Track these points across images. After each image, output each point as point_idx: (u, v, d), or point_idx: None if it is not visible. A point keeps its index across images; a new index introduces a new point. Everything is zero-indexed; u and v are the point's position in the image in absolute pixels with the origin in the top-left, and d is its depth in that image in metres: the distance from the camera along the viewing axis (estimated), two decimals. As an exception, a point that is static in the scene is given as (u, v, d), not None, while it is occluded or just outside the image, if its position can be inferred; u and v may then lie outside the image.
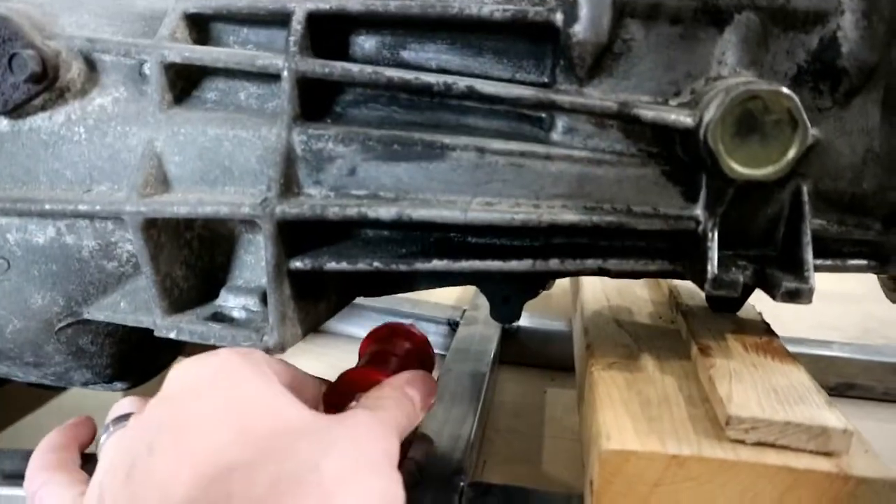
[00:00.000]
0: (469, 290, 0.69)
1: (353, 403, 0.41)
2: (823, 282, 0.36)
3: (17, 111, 0.38)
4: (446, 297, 0.65)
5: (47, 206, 0.38)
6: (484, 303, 0.65)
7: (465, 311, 0.64)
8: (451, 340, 0.59)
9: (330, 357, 0.61)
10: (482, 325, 0.60)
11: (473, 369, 0.51)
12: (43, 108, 0.38)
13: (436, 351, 0.60)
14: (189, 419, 0.28)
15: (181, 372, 0.31)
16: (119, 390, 0.52)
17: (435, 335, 0.63)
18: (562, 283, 0.50)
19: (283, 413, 0.29)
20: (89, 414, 0.41)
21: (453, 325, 0.62)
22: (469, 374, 0.50)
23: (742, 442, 0.30)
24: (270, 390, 0.30)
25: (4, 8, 0.37)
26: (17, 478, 0.38)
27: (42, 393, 0.73)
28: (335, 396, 0.41)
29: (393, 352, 0.46)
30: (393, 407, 0.34)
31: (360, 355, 0.49)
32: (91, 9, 0.40)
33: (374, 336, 0.49)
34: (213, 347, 0.39)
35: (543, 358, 0.62)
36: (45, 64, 0.36)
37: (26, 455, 0.39)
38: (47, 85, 0.37)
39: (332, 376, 0.59)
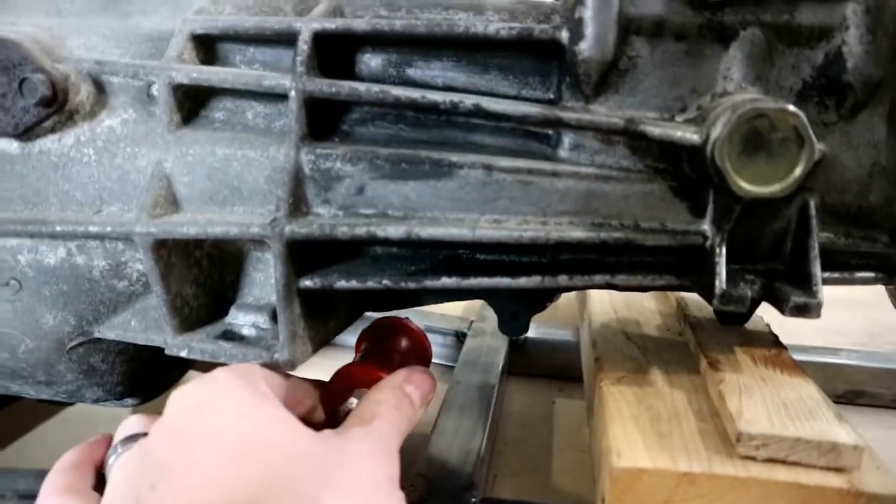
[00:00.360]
0: (476, 302, 0.69)
1: (352, 400, 0.41)
2: (828, 288, 0.36)
3: (27, 134, 0.38)
4: (453, 308, 0.65)
5: (58, 228, 0.38)
6: (491, 314, 0.65)
7: (472, 322, 0.64)
8: (458, 352, 0.59)
9: (335, 367, 0.62)
10: (490, 336, 0.60)
11: (482, 381, 0.51)
12: (52, 130, 0.39)
13: (444, 362, 0.60)
14: (189, 455, 0.28)
15: (180, 399, 0.31)
16: (129, 406, 0.52)
17: (442, 347, 0.63)
18: (568, 293, 0.50)
19: (283, 442, 0.29)
20: (95, 423, 0.41)
21: (461, 337, 0.62)
22: (478, 387, 0.50)
23: (753, 458, 0.31)
24: (268, 416, 0.30)
25: (13, 32, 0.37)
26: (30, 497, 0.38)
27: (51, 407, 0.74)
28: (332, 394, 0.41)
29: (389, 347, 0.46)
30: (392, 413, 0.34)
31: (357, 350, 0.48)
32: (99, 31, 0.41)
33: (370, 331, 0.48)
34: (223, 365, 0.40)
35: (551, 368, 0.62)
36: (54, 87, 0.36)
37: (40, 474, 0.40)
38: (57, 108, 0.37)
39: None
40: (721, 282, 0.34)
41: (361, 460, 0.30)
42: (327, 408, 0.41)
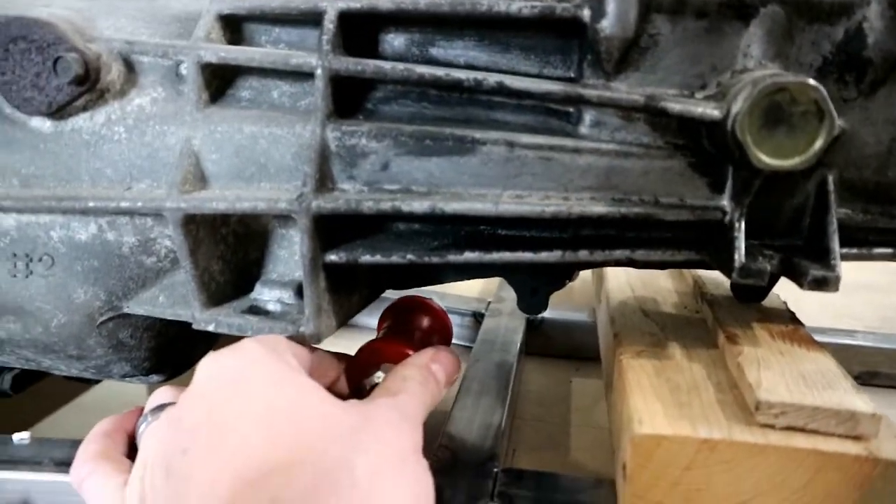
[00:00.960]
0: (492, 283, 0.70)
1: (378, 374, 0.42)
2: (842, 273, 0.37)
3: (59, 112, 0.39)
4: (469, 289, 0.66)
5: (90, 204, 0.39)
6: (507, 295, 0.66)
7: (489, 303, 0.65)
8: (476, 332, 0.60)
9: (353, 345, 0.63)
10: (507, 316, 0.61)
11: (500, 360, 0.52)
12: (84, 108, 0.40)
13: (462, 343, 0.61)
14: (220, 420, 0.29)
15: (209, 367, 0.32)
16: (154, 382, 0.53)
17: (460, 327, 0.64)
18: (583, 275, 0.51)
19: (312, 408, 0.30)
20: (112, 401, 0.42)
21: (478, 317, 0.63)
22: (496, 365, 0.51)
23: (772, 426, 0.31)
24: (297, 385, 0.31)
25: (48, 13, 0.38)
26: (66, 465, 0.39)
27: (75, 388, 0.75)
28: (357, 368, 0.42)
29: (412, 325, 0.47)
30: (417, 389, 0.35)
31: (379, 327, 0.49)
32: (128, 12, 0.41)
33: (393, 309, 0.49)
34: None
35: (568, 348, 0.63)
36: (87, 66, 0.37)
37: (74, 444, 0.41)
38: (89, 86, 0.38)
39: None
40: (740, 256, 0.35)
41: (388, 428, 0.31)
42: (352, 382, 0.42)
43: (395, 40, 0.40)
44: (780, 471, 0.30)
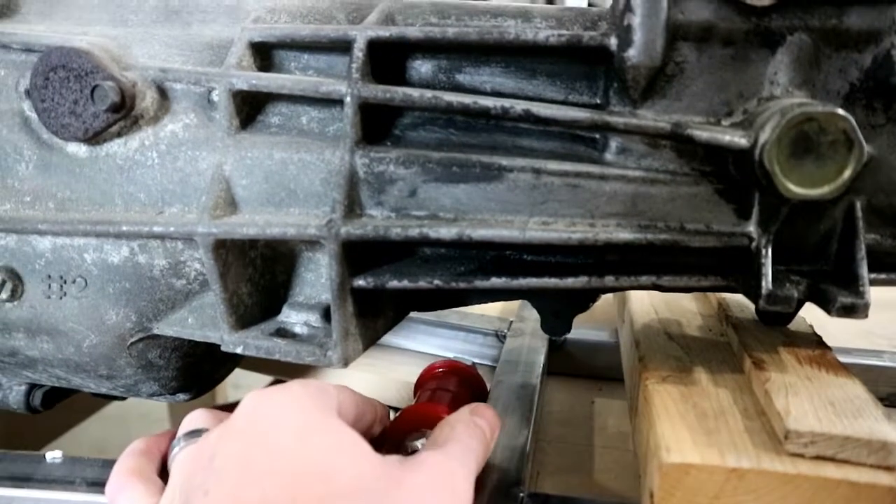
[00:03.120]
0: (514, 303, 0.70)
1: (421, 441, 0.42)
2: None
3: (95, 138, 0.40)
4: (491, 308, 0.66)
5: (124, 228, 0.40)
6: (529, 315, 0.66)
7: (511, 322, 0.65)
8: (498, 352, 0.60)
9: (378, 367, 0.63)
10: (529, 336, 0.61)
11: (524, 381, 0.52)
12: (119, 134, 0.40)
13: (484, 363, 0.61)
14: (248, 468, 0.28)
15: (253, 405, 0.31)
16: (181, 401, 0.54)
17: (482, 346, 0.64)
18: (605, 294, 0.51)
19: (342, 471, 0.29)
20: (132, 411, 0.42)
21: (501, 337, 0.63)
22: (520, 386, 0.51)
23: (801, 455, 0.31)
24: (334, 441, 0.30)
25: (86, 42, 0.39)
26: (98, 485, 0.40)
27: (93, 402, 0.77)
28: (397, 433, 0.43)
29: (448, 388, 0.48)
30: (465, 438, 0.34)
31: (415, 392, 0.51)
32: (162, 39, 0.42)
33: (429, 372, 0.51)
34: (276, 361, 0.41)
35: (590, 368, 0.63)
36: (123, 94, 0.38)
37: (106, 463, 0.42)
38: (125, 113, 0.39)
39: (382, 385, 0.61)
40: (767, 282, 0.35)
41: (429, 490, 0.30)
42: (392, 447, 0.44)
43: (422, 67, 0.40)
44: (810, 501, 0.30)
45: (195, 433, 0.37)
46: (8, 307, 0.43)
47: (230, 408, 0.34)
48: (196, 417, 0.38)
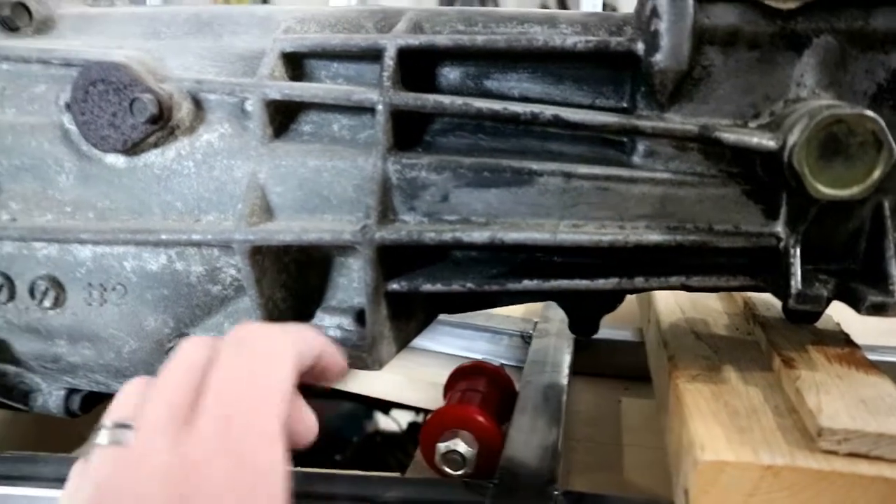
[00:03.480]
0: (537, 304, 0.71)
1: (456, 441, 0.45)
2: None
3: (133, 149, 0.41)
4: (515, 310, 0.67)
5: (163, 236, 0.41)
6: (554, 315, 0.67)
7: (536, 323, 0.66)
8: (524, 353, 0.61)
9: (406, 368, 0.64)
10: (555, 337, 0.62)
11: (551, 381, 0.53)
12: (156, 145, 0.41)
13: (511, 363, 0.62)
14: None
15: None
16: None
17: (508, 347, 0.65)
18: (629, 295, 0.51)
19: None
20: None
21: (526, 338, 0.64)
22: (548, 386, 0.52)
23: (834, 453, 0.31)
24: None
25: (123, 56, 0.40)
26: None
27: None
28: (430, 435, 0.45)
29: (478, 389, 0.49)
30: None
31: (446, 392, 0.53)
32: (195, 51, 0.43)
33: (458, 374, 0.52)
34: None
35: (615, 368, 0.63)
36: (160, 106, 0.39)
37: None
38: (162, 124, 0.40)
39: (410, 386, 0.62)
40: (797, 282, 0.35)
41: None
42: (427, 448, 0.46)
43: (450, 73, 0.41)
44: (845, 498, 0.31)
45: (122, 427, 0.29)
46: (51, 314, 0.44)
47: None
48: (125, 398, 0.31)
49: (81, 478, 0.29)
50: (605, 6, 1.59)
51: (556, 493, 0.38)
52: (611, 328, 0.65)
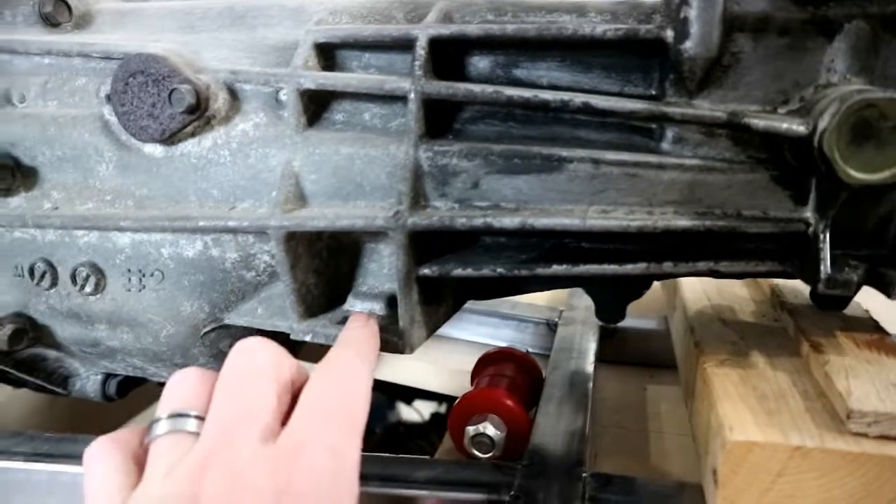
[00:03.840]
0: (561, 291, 0.71)
1: (484, 425, 0.46)
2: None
3: (171, 139, 0.42)
4: (539, 298, 0.67)
5: (201, 223, 0.42)
6: (579, 304, 0.67)
7: (561, 311, 0.67)
8: (549, 340, 0.61)
9: (433, 356, 0.65)
10: (581, 325, 0.62)
11: (577, 367, 0.53)
12: (193, 134, 0.43)
13: (538, 351, 0.63)
14: None
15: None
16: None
17: (534, 335, 0.65)
18: (655, 283, 0.52)
19: None
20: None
21: (552, 326, 0.64)
22: (575, 373, 0.52)
23: (864, 435, 0.32)
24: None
25: (161, 48, 0.41)
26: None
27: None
28: (458, 419, 0.45)
29: (506, 374, 0.50)
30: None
31: (474, 378, 0.53)
32: (229, 43, 0.44)
33: (486, 359, 0.53)
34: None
35: (641, 355, 0.64)
36: (198, 96, 0.40)
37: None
38: (199, 114, 0.41)
39: (437, 374, 0.63)
40: (826, 267, 0.35)
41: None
42: (455, 431, 0.47)
43: (480, 62, 0.42)
44: (875, 479, 0.31)
45: (180, 417, 0.31)
46: (91, 300, 0.45)
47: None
48: (182, 389, 0.33)
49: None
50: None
51: (584, 474, 0.39)
52: (637, 317, 0.66)
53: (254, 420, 0.30)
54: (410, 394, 1.06)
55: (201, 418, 0.31)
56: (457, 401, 0.48)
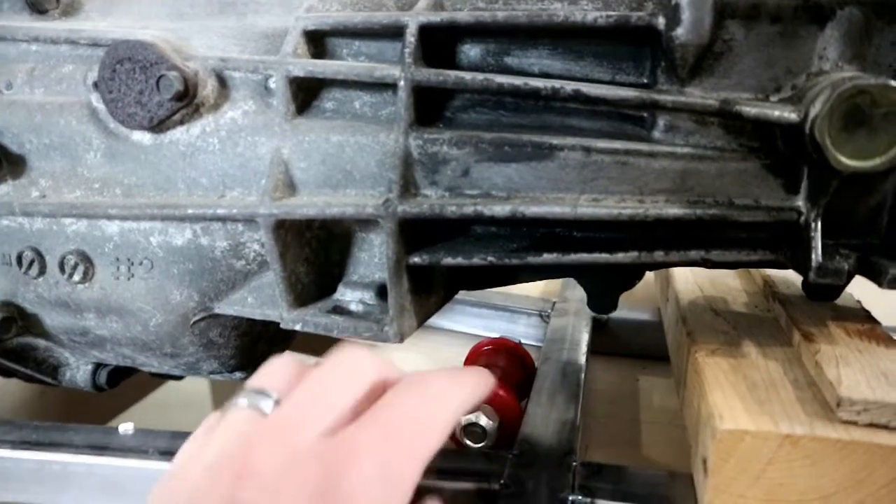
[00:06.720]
0: (555, 283, 0.71)
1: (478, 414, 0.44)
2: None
3: (159, 126, 0.42)
4: (532, 289, 0.67)
5: (189, 211, 0.42)
6: (571, 295, 0.67)
7: (554, 303, 0.66)
8: (542, 332, 0.61)
9: (424, 347, 0.65)
10: (573, 316, 0.62)
11: (569, 358, 0.53)
12: (181, 122, 0.42)
13: (529, 342, 0.63)
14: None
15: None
16: (238, 380, 0.56)
17: (527, 326, 0.65)
18: (647, 275, 0.51)
19: None
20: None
21: (545, 317, 0.64)
22: (567, 363, 0.52)
23: (854, 423, 0.32)
24: None
25: (149, 35, 0.41)
26: (169, 454, 0.42)
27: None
28: None
29: (498, 364, 0.50)
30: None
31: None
32: (218, 31, 0.44)
33: (478, 350, 0.53)
34: (323, 339, 0.43)
35: (633, 347, 0.64)
36: (186, 83, 0.40)
37: (175, 435, 0.44)
38: (187, 102, 0.41)
39: (429, 365, 0.62)
40: (817, 256, 0.35)
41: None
42: None
43: (471, 50, 0.41)
44: (864, 467, 0.31)
45: (260, 395, 0.32)
46: (80, 288, 0.45)
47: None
48: (274, 372, 0.33)
49: (211, 433, 0.30)
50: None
51: (574, 463, 0.39)
52: (630, 310, 0.66)
53: (327, 411, 0.29)
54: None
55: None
56: None
